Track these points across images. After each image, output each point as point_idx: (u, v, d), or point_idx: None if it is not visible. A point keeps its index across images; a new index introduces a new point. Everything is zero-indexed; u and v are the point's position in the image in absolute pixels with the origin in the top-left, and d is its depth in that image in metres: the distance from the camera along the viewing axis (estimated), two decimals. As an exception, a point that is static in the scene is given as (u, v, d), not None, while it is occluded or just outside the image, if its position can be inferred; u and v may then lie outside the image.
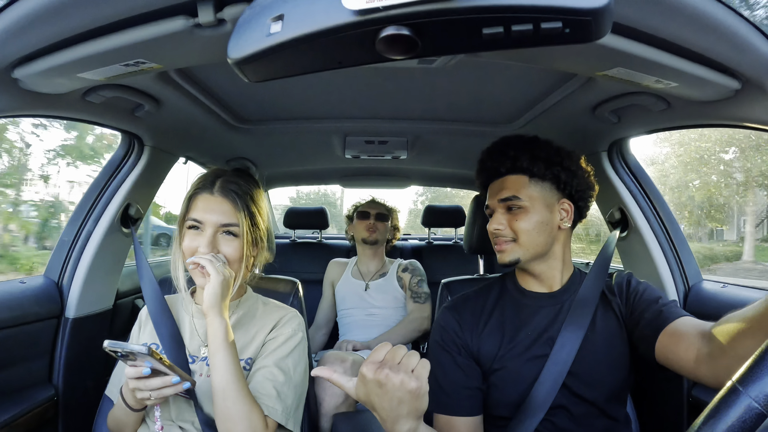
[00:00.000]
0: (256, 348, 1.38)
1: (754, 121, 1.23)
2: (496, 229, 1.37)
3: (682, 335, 1.18)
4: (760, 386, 0.56)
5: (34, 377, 1.72)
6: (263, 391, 1.29)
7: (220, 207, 1.35)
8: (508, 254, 1.37)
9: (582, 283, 1.41)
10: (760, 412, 0.55)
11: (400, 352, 1.00)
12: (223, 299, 1.26)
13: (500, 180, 1.42)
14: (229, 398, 1.20)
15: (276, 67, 0.73)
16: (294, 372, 1.36)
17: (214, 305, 1.24)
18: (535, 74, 1.56)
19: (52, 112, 1.42)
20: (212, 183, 1.38)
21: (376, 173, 3.40)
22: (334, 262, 3.11)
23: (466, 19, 0.60)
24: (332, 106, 1.96)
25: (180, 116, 1.79)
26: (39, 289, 1.77)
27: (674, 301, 1.35)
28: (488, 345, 1.37)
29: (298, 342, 1.41)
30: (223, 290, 1.26)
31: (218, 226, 1.33)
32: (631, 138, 1.87)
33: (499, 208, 1.39)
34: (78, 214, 1.90)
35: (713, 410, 0.57)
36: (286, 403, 1.30)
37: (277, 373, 1.33)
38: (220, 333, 1.23)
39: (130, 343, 1.02)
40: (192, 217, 1.33)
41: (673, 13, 0.87)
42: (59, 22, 0.95)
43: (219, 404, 1.21)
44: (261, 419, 1.22)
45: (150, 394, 1.15)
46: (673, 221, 1.90)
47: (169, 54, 1.09)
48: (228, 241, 1.34)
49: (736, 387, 0.57)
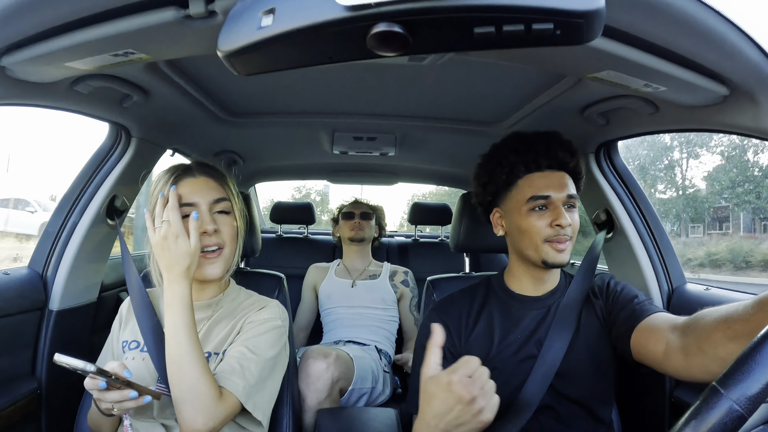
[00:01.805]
0: (233, 338, 1.37)
1: (742, 128, 1.24)
2: (568, 226, 1.31)
3: (653, 329, 1.19)
4: (741, 389, 0.56)
5: (16, 370, 1.70)
6: (226, 366, 1.27)
7: (206, 185, 1.37)
8: (567, 254, 1.33)
9: (569, 284, 1.42)
10: (741, 415, 0.56)
11: (485, 375, 0.99)
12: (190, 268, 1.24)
13: (560, 174, 1.37)
14: (183, 366, 1.18)
15: (266, 61, 0.73)
16: (265, 352, 1.33)
17: (182, 267, 1.23)
18: (524, 74, 1.56)
19: (39, 102, 1.40)
20: (189, 168, 1.39)
21: (363, 169, 3.40)
22: (315, 267, 3.11)
23: (458, 17, 0.60)
24: (321, 101, 1.96)
25: (168, 108, 1.78)
26: (22, 280, 1.75)
27: (649, 299, 1.35)
28: (477, 348, 1.36)
29: (275, 326, 1.39)
30: (193, 260, 1.24)
31: (211, 203, 1.34)
32: (618, 140, 1.88)
33: (561, 203, 1.33)
34: (63, 205, 1.87)
35: (694, 412, 0.58)
36: (248, 381, 1.26)
37: (244, 350, 1.30)
38: (179, 299, 1.22)
39: (78, 360, 0.99)
40: (183, 202, 1.32)
41: (664, 18, 0.87)
42: (48, 10, 0.94)
43: (172, 374, 1.19)
44: (214, 390, 1.18)
45: (112, 405, 1.13)
46: (657, 224, 1.92)
47: (158, 45, 1.07)
48: (223, 218, 1.36)
49: (717, 389, 0.58)
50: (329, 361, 2.01)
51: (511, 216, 1.39)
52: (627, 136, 1.78)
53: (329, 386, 1.98)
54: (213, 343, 1.36)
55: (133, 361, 1.35)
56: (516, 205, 1.37)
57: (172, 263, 1.22)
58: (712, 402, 0.57)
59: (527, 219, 1.33)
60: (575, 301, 1.37)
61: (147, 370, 1.33)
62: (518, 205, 1.36)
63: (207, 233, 1.32)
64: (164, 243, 1.22)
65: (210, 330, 1.38)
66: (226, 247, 1.36)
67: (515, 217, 1.37)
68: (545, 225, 1.31)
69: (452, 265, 3.42)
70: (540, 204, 1.33)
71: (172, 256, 1.22)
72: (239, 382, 1.23)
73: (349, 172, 3.44)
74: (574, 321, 1.34)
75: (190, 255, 1.23)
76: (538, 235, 1.32)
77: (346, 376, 2.12)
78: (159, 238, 1.23)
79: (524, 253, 1.37)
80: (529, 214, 1.33)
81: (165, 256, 1.23)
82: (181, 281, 1.23)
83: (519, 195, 1.36)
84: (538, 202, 1.33)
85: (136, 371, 1.32)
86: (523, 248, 1.37)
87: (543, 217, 1.32)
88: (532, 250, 1.34)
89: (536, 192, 1.33)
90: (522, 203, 1.35)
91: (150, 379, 1.32)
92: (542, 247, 1.32)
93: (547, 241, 1.32)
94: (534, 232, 1.32)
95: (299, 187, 27.46)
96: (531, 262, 1.38)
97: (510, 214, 1.40)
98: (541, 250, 1.32)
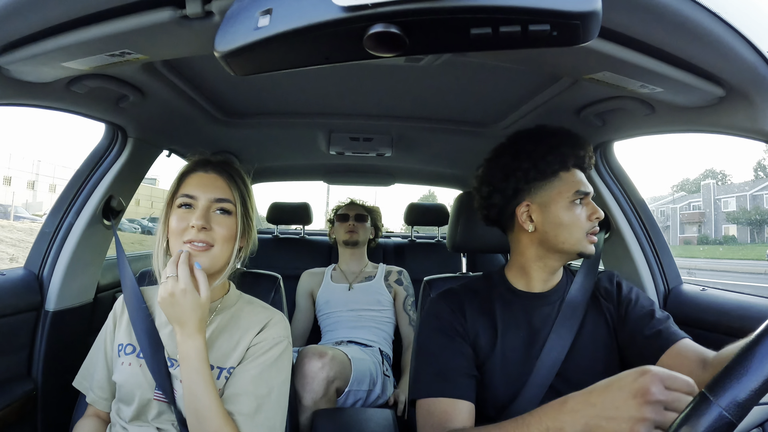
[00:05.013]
0: (240, 355, 1.33)
1: (738, 129, 1.24)
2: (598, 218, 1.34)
3: (684, 360, 1.19)
4: (730, 396, 0.57)
5: (12, 371, 1.69)
6: (244, 407, 1.24)
7: (214, 183, 1.34)
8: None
9: (571, 283, 1.42)
10: (730, 422, 0.56)
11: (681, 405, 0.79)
12: (203, 319, 1.21)
13: (582, 170, 1.39)
14: (202, 420, 1.16)
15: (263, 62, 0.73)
16: (279, 384, 1.32)
17: (195, 321, 1.19)
18: (521, 76, 1.57)
19: (36, 102, 1.39)
20: (206, 162, 1.38)
21: (360, 170, 3.40)
22: (309, 273, 3.09)
23: (455, 18, 0.60)
24: (318, 101, 1.96)
25: (165, 108, 1.78)
26: (18, 281, 1.74)
27: (667, 315, 1.35)
28: (482, 339, 1.35)
29: (283, 349, 1.36)
30: (204, 311, 1.21)
31: (212, 201, 1.31)
32: (615, 142, 1.88)
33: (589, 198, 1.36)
34: (59, 205, 1.87)
35: (684, 419, 0.58)
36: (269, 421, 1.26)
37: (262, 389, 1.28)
38: (195, 354, 1.19)
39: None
40: (184, 193, 1.31)
41: (660, 19, 0.87)
42: (45, 10, 0.94)
43: (192, 425, 1.18)
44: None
45: None
46: (654, 225, 1.92)
47: (155, 45, 1.07)
48: (221, 218, 1.32)
49: (706, 396, 0.58)
50: (324, 361, 2.00)
51: (548, 209, 1.36)
52: (623, 137, 1.79)
53: (324, 386, 1.97)
54: (215, 355, 1.32)
55: (130, 367, 1.32)
56: (557, 198, 1.35)
57: (183, 318, 1.18)
58: (702, 409, 0.57)
59: (571, 212, 1.33)
60: (579, 301, 1.37)
61: (144, 376, 1.29)
62: (560, 197, 1.35)
63: (194, 228, 1.27)
64: (172, 299, 1.18)
65: (212, 341, 1.34)
66: (217, 246, 1.30)
67: (555, 209, 1.34)
68: (585, 218, 1.33)
69: (449, 266, 3.41)
70: (581, 197, 1.34)
71: (183, 310, 1.18)
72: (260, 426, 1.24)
73: (346, 172, 3.44)
74: (578, 321, 1.34)
75: (200, 307, 1.19)
76: (581, 228, 1.33)
77: (343, 376, 2.12)
78: (165, 294, 1.18)
79: (559, 246, 1.35)
80: (573, 207, 1.33)
81: (175, 312, 1.19)
82: (196, 336, 1.19)
83: (562, 187, 1.35)
84: (580, 196, 1.34)
85: (133, 378, 1.30)
86: (560, 241, 1.34)
87: (583, 210, 1.34)
88: (571, 243, 1.33)
89: (580, 187, 1.34)
90: (566, 196, 1.34)
91: (147, 386, 1.29)
92: (582, 239, 1.33)
93: (587, 234, 1.33)
94: (579, 225, 1.33)
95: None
96: (563, 255, 1.37)
97: (548, 206, 1.36)
98: (581, 242, 1.33)
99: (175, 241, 1.30)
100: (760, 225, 42.77)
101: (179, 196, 1.32)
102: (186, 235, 1.28)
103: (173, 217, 1.31)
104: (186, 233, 1.28)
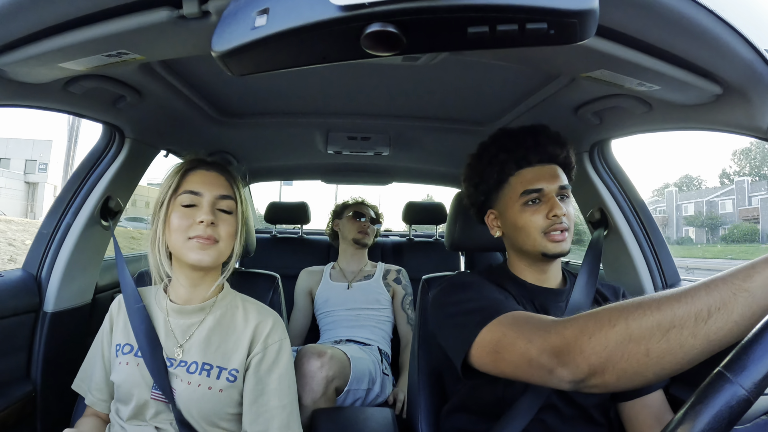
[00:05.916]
0: (241, 359, 1.34)
1: (735, 126, 1.24)
2: (564, 215, 1.30)
3: (647, 413, 1.31)
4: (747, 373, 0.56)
5: (11, 372, 1.69)
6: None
7: (217, 180, 1.36)
8: (567, 243, 1.32)
9: (574, 284, 1.42)
10: (747, 398, 0.56)
11: None
12: None
13: (551, 166, 1.36)
14: None
15: (260, 61, 0.73)
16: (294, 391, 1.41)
17: None
18: (518, 74, 1.57)
19: (32, 103, 1.39)
20: (206, 161, 1.40)
21: (358, 169, 3.40)
22: (308, 272, 3.08)
23: (452, 17, 0.60)
24: (315, 101, 1.96)
25: (162, 108, 1.78)
26: (17, 282, 1.74)
27: None
28: None
29: (288, 355, 1.41)
30: None
31: (216, 198, 1.33)
32: (612, 140, 1.89)
33: (555, 194, 1.32)
34: (57, 206, 1.87)
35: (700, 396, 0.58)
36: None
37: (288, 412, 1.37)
38: None
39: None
40: (188, 189, 1.32)
41: (657, 17, 0.87)
42: (41, 11, 0.93)
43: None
44: None
45: None
46: (652, 222, 1.92)
47: (152, 45, 1.07)
48: (224, 216, 1.34)
49: (723, 373, 0.58)
50: (323, 360, 2.00)
51: (505, 215, 1.38)
52: (621, 135, 1.79)
53: (324, 385, 1.97)
54: (215, 354, 1.33)
55: (127, 367, 1.32)
56: (509, 203, 1.36)
57: None
58: (718, 386, 0.57)
59: (522, 215, 1.33)
60: (583, 303, 1.37)
61: (141, 376, 1.30)
62: (511, 202, 1.35)
63: (204, 223, 1.29)
64: None
65: (207, 339, 1.34)
66: (222, 242, 1.32)
67: (510, 215, 1.36)
68: (541, 218, 1.31)
69: (447, 264, 3.42)
70: (533, 198, 1.33)
71: None
72: None
73: (344, 171, 3.44)
74: None
75: None
76: (536, 229, 1.31)
77: (342, 375, 2.12)
78: None
79: (523, 249, 1.36)
80: (524, 210, 1.33)
81: None
82: None
83: (511, 192, 1.36)
84: (531, 196, 1.33)
85: (130, 377, 1.30)
86: (521, 244, 1.36)
87: (538, 211, 1.32)
88: (530, 245, 1.33)
89: (528, 186, 1.33)
90: (515, 200, 1.34)
91: (144, 385, 1.29)
92: (540, 240, 1.31)
93: (545, 234, 1.31)
94: (531, 227, 1.32)
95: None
96: (531, 256, 1.37)
97: (504, 213, 1.39)
98: (539, 243, 1.31)
99: (177, 239, 1.30)
100: (714, 228, 49.12)
101: (182, 193, 1.32)
102: (192, 231, 1.29)
103: (175, 215, 1.31)
104: (191, 229, 1.29)
